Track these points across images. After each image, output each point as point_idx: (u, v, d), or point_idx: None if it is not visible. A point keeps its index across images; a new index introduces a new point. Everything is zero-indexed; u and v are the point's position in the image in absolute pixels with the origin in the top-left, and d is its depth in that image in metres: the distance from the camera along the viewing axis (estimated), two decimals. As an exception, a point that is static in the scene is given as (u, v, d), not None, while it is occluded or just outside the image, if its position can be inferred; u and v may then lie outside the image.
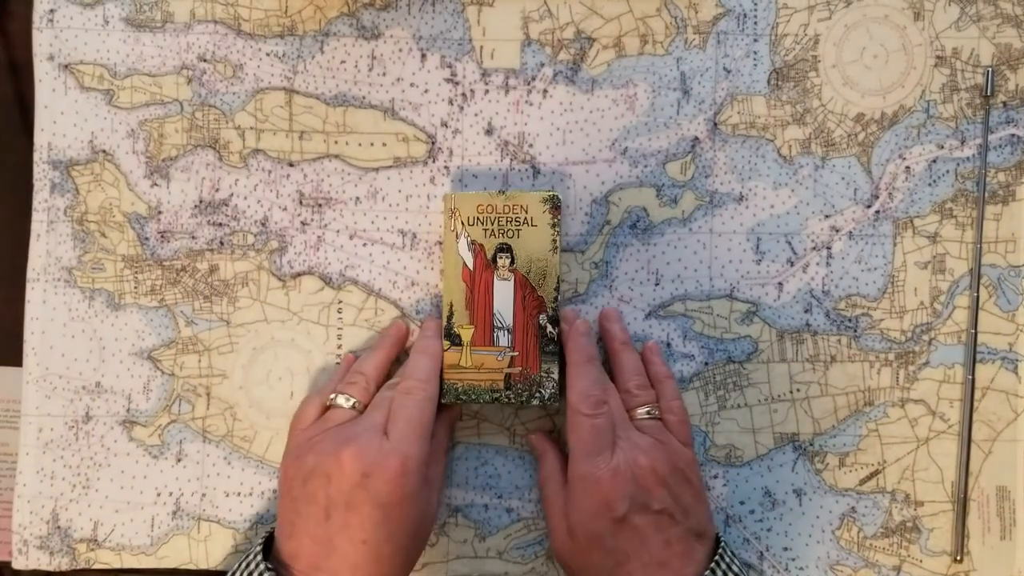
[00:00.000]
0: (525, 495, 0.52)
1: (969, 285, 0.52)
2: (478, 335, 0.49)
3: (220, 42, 0.53)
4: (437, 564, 0.52)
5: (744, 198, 0.52)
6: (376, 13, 0.53)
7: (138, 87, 0.53)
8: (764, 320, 0.52)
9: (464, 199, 0.49)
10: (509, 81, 0.53)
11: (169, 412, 0.53)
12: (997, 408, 0.52)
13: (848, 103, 0.52)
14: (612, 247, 0.52)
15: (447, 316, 0.49)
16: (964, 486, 0.51)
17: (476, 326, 0.49)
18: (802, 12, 0.52)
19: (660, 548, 0.44)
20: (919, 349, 0.52)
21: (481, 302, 0.49)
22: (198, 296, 0.53)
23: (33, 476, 0.52)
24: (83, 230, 0.53)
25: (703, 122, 0.52)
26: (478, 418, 0.52)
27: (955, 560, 0.51)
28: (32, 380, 0.52)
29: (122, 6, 0.53)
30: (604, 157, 0.52)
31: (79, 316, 0.53)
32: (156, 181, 0.53)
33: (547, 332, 0.49)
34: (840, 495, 0.52)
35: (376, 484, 0.43)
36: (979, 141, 0.52)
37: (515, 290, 0.49)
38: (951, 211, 0.52)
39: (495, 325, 0.49)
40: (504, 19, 0.52)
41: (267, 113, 0.53)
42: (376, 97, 0.53)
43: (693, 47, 0.52)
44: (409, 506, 0.44)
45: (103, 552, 0.52)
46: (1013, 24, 0.52)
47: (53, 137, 0.53)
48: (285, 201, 0.53)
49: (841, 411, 0.52)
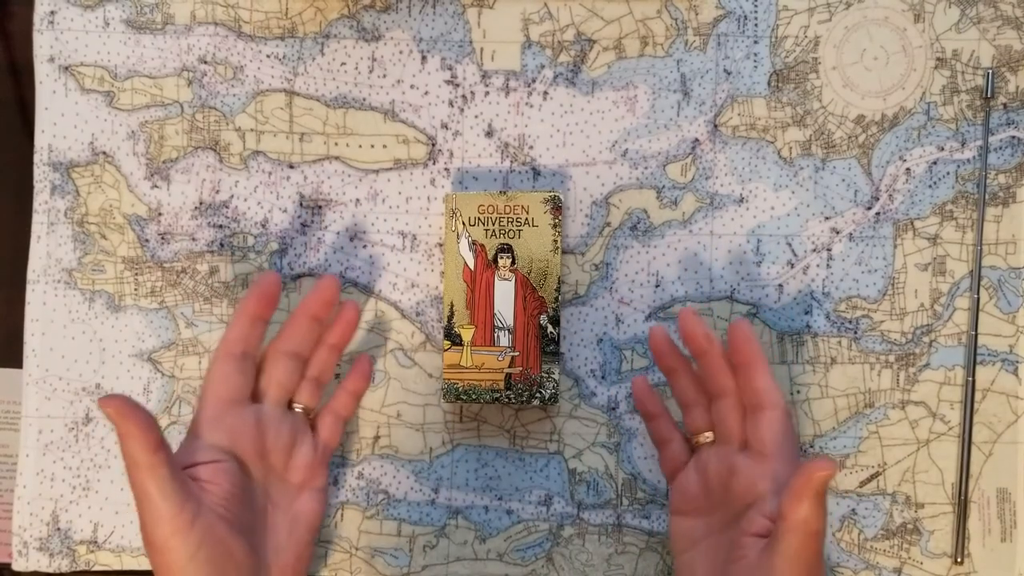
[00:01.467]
0: (525, 497, 0.52)
1: (969, 287, 0.52)
2: (479, 335, 0.49)
3: (220, 44, 0.53)
4: (437, 566, 0.52)
5: (744, 200, 0.52)
6: (376, 15, 0.53)
7: (138, 89, 0.53)
8: (764, 322, 0.52)
9: (465, 199, 0.49)
10: (509, 83, 0.53)
11: (169, 414, 0.53)
12: (997, 410, 0.52)
13: (848, 105, 0.52)
14: (612, 249, 0.52)
15: (448, 316, 0.49)
16: (964, 488, 0.51)
17: (477, 326, 0.49)
18: (802, 14, 0.52)
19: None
20: (919, 351, 0.52)
21: (482, 302, 0.49)
22: (198, 298, 0.53)
23: (33, 478, 0.52)
24: (83, 232, 0.53)
25: (703, 124, 0.52)
26: (478, 420, 0.52)
27: (956, 562, 0.51)
28: (32, 382, 0.52)
29: (123, 8, 0.53)
30: (604, 159, 0.53)
31: (79, 318, 0.53)
32: (156, 183, 0.53)
33: (548, 332, 0.49)
34: (840, 497, 0.52)
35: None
36: (979, 143, 0.52)
37: (516, 290, 0.49)
38: (951, 213, 0.52)
39: (496, 325, 0.49)
40: (504, 21, 0.53)
41: (267, 115, 0.53)
42: (376, 99, 0.53)
43: (693, 49, 0.52)
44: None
45: (103, 554, 0.52)
46: (1013, 26, 0.52)
47: (53, 139, 0.53)
48: (285, 203, 0.53)
49: (841, 413, 0.52)
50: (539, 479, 0.52)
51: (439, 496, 0.52)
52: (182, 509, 0.40)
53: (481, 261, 0.49)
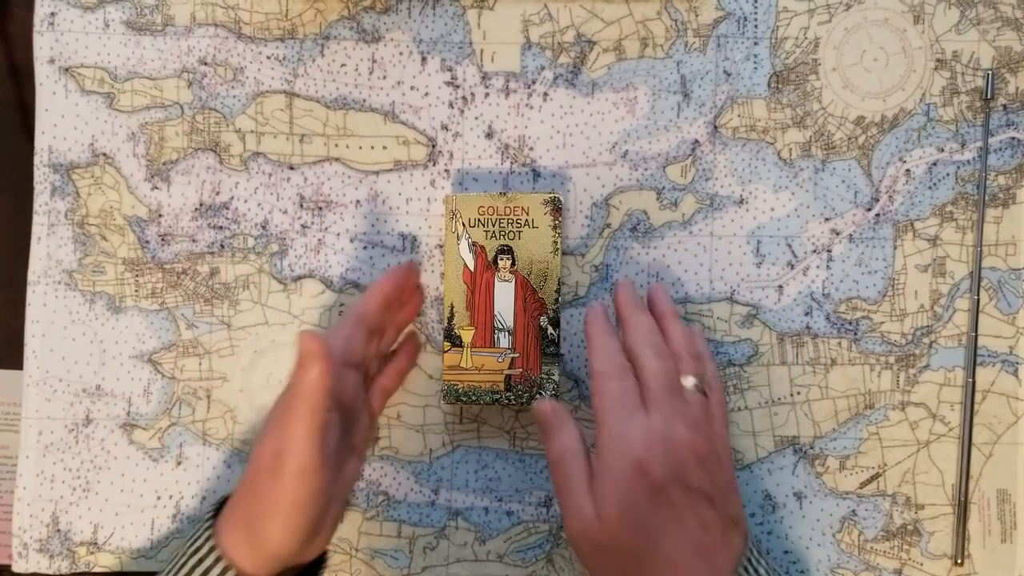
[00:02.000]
0: (525, 498, 0.52)
1: (969, 288, 0.52)
2: (479, 336, 0.49)
3: (221, 45, 0.53)
4: (437, 567, 0.52)
5: (744, 201, 0.52)
6: (376, 16, 0.53)
7: (139, 90, 0.53)
8: (764, 323, 0.52)
9: (465, 201, 0.49)
10: (509, 84, 0.53)
11: (169, 415, 0.53)
12: (997, 411, 0.52)
13: (848, 106, 0.52)
14: (612, 250, 0.52)
15: (448, 317, 0.49)
16: (964, 489, 0.51)
17: (477, 327, 0.49)
18: (802, 15, 0.52)
19: (698, 530, 0.40)
20: (919, 352, 0.52)
21: (482, 304, 0.49)
22: (199, 299, 0.53)
23: (33, 479, 0.52)
24: (84, 233, 0.53)
25: (703, 125, 0.52)
26: (478, 421, 0.52)
27: (956, 563, 0.51)
28: (32, 383, 0.52)
29: (123, 9, 0.53)
30: (604, 160, 0.53)
31: (80, 319, 0.53)
32: (157, 184, 0.53)
33: (548, 334, 0.49)
34: (841, 498, 0.52)
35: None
36: (979, 144, 0.52)
37: (516, 292, 0.49)
38: (951, 214, 0.52)
39: (496, 327, 0.49)
40: (504, 22, 0.53)
41: (268, 116, 0.53)
42: (376, 100, 0.53)
43: (693, 50, 0.52)
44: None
45: (103, 555, 0.52)
46: (1013, 27, 0.52)
47: (54, 140, 0.53)
48: (286, 204, 0.53)
49: (841, 414, 0.52)
50: (539, 480, 0.52)
51: (439, 497, 0.52)
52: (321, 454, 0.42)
53: (481, 262, 0.49)
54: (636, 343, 0.44)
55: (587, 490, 0.41)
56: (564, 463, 0.42)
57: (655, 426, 0.41)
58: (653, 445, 0.40)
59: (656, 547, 0.40)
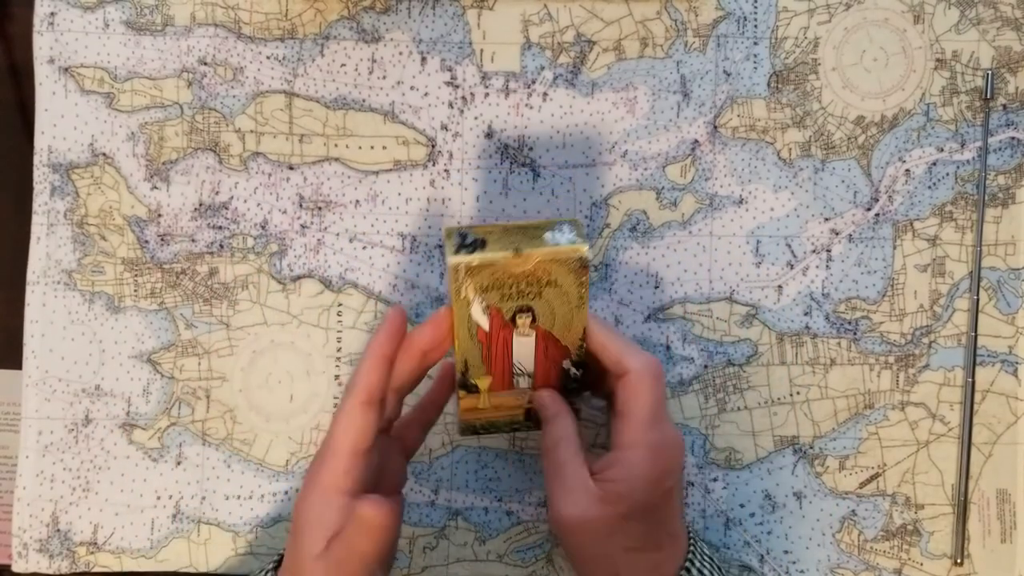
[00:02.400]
0: (525, 498, 0.52)
1: (969, 288, 0.52)
2: (496, 383, 0.44)
3: (220, 45, 0.53)
4: (437, 567, 0.52)
5: (744, 201, 0.52)
6: (376, 16, 0.53)
7: (138, 90, 0.53)
8: (764, 323, 0.52)
9: (475, 271, 0.40)
10: (509, 84, 0.53)
11: (169, 415, 0.53)
12: (997, 411, 0.52)
13: (848, 106, 0.52)
14: (612, 250, 0.52)
15: (462, 372, 0.43)
16: (964, 489, 0.51)
17: (494, 376, 0.44)
18: (802, 15, 0.52)
19: (679, 527, 0.43)
20: (919, 352, 0.52)
21: (499, 356, 0.43)
22: (198, 299, 0.53)
23: (33, 479, 0.52)
24: (83, 233, 0.53)
25: (703, 125, 0.52)
26: (478, 421, 0.52)
27: (956, 563, 0.51)
28: (32, 383, 0.52)
29: (122, 9, 0.53)
30: (604, 160, 0.53)
31: (79, 319, 0.53)
32: (156, 184, 0.53)
33: (571, 374, 0.44)
34: (840, 498, 0.52)
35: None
36: (979, 144, 0.52)
37: (536, 343, 0.43)
38: (951, 214, 0.52)
39: (515, 372, 0.44)
40: (504, 22, 0.53)
41: (267, 116, 0.53)
42: (376, 100, 0.53)
43: (693, 50, 0.52)
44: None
45: (103, 555, 0.52)
46: (1013, 27, 0.52)
47: (53, 140, 0.53)
48: (285, 204, 0.53)
49: (841, 414, 0.52)
50: (539, 480, 0.52)
51: (439, 497, 0.52)
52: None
53: (497, 322, 0.42)
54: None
55: (584, 483, 0.41)
56: (558, 451, 0.43)
57: (681, 436, 0.43)
58: (680, 454, 0.43)
59: (657, 542, 0.42)
